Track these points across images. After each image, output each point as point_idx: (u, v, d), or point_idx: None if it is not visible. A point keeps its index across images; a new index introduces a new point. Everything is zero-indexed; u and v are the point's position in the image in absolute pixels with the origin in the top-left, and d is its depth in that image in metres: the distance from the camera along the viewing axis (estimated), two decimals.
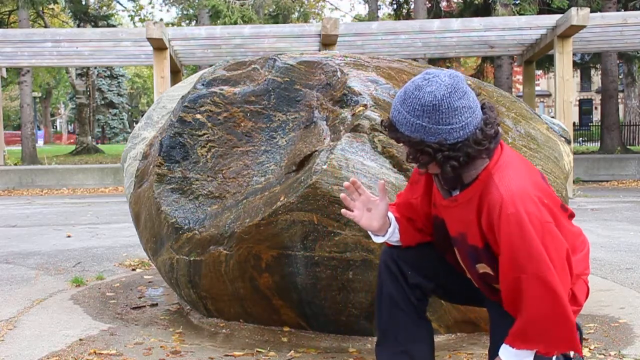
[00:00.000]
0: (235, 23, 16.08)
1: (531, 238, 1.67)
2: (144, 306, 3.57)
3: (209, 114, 3.09)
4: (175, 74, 13.61)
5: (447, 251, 2.03)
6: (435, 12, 16.73)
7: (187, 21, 23.44)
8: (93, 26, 21.53)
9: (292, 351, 2.72)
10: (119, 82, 43.26)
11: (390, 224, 2.01)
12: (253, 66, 3.24)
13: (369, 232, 2.05)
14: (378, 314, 2.08)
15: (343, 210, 2.00)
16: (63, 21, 27.04)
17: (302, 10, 23.13)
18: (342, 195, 1.98)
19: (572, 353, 1.95)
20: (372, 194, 2.02)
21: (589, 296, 1.95)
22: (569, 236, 1.84)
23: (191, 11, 22.41)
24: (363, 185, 2.56)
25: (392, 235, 2.02)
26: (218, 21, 16.73)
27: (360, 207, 1.98)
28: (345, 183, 1.97)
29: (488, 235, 1.78)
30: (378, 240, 2.04)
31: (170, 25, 24.45)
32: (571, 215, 1.98)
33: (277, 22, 19.68)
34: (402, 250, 2.04)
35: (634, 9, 15.94)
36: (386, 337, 2.05)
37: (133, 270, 4.64)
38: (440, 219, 1.97)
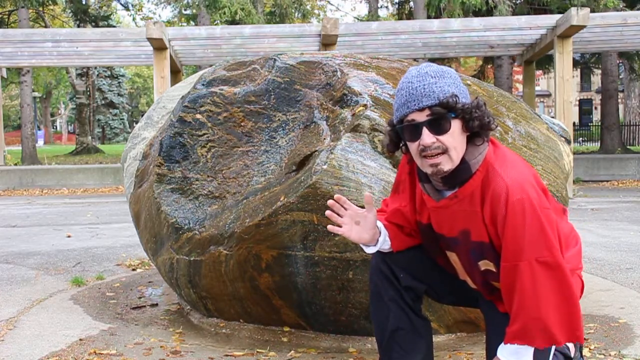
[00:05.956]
0: (235, 14, 15.92)
1: (540, 222, 1.70)
2: (144, 306, 3.57)
3: (209, 114, 3.09)
4: (175, 74, 13.61)
5: (437, 255, 2.03)
6: (436, 9, 16.64)
7: (186, 22, 23.36)
8: (93, 26, 21.52)
9: (292, 351, 2.72)
10: (119, 82, 43.25)
11: (380, 233, 2.00)
12: (253, 66, 3.24)
13: (360, 244, 2.04)
14: (375, 317, 2.07)
15: (330, 227, 1.95)
16: (63, 21, 27.04)
17: (301, 9, 23.04)
18: (327, 212, 1.95)
19: (572, 352, 1.95)
20: (360, 206, 2.00)
21: (584, 292, 1.96)
22: (561, 231, 1.85)
23: (188, 11, 22.33)
24: (363, 185, 2.57)
25: (384, 244, 2.01)
26: (216, 11, 16.51)
27: (348, 222, 1.95)
28: (330, 201, 1.94)
29: (490, 228, 1.78)
30: (370, 250, 2.03)
31: (169, 23, 24.39)
32: (564, 211, 2.00)
33: (275, 21, 19.60)
34: (393, 254, 2.04)
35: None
36: (385, 339, 2.05)
37: (133, 270, 4.64)
38: (425, 224, 1.97)
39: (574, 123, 18.88)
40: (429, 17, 15.85)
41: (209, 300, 3.07)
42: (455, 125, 1.77)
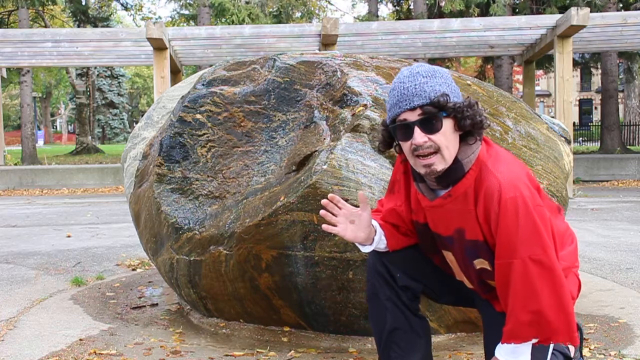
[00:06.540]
0: (243, 21, 15.95)
1: (533, 220, 1.70)
2: (144, 306, 3.57)
3: (209, 114, 3.09)
4: (175, 74, 13.61)
5: (434, 254, 2.03)
6: (435, 9, 16.63)
7: (186, 23, 23.32)
8: (93, 27, 21.52)
9: (292, 351, 2.72)
10: (119, 82, 43.24)
11: (375, 232, 2.00)
12: (253, 66, 3.24)
13: (356, 244, 2.04)
14: (373, 317, 2.07)
15: (324, 226, 1.95)
16: (63, 21, 27.05)
17: (305, 9, 23.00)
18: (321, 212, 1.95)
19: (572, 352, 1.95)
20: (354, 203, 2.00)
21: (581, 291, 1.95)
22: (556, 229, 1.85)
23: (188, 12, 22.29)
24: (363, 185, 2.57)
25: (379, 243, 2.02)
26: (223, 19, 16.53)
27: (343, 221, 1.96)
28: (324, 200, 1.94)
29: (484, 226, 1.78)
30: (366, 250, 2.04)
31: (169, 20, 24.37)
32: (559, 209, 2.01)
33: (280, 21, 19.58)
34: (390, 254, 2.04)
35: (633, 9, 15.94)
36: (384, 339, 2.04)
37: (133, 270, 4.64)
38: (422, 223, 1.97)
39: (574, 123, 18.90)
40: (428, 7, 15.84)
41: (209, 300, 3.07)
42: (447, 124, 1.77)
